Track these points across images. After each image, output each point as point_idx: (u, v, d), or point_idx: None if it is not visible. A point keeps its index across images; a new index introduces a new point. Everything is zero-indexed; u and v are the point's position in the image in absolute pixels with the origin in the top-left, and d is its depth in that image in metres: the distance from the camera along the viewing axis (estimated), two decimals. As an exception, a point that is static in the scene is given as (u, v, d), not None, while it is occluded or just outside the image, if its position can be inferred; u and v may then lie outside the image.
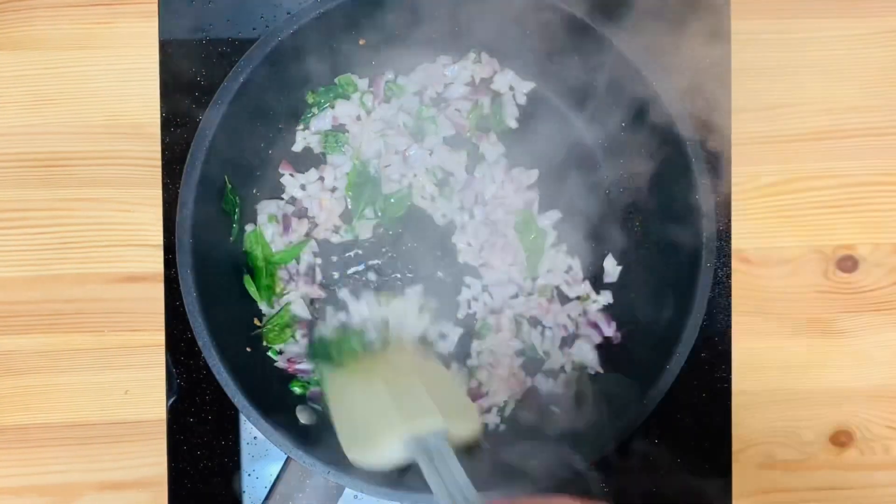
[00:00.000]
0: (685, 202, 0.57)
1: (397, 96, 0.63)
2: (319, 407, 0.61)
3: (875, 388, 0.67)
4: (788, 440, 0.66)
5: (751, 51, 0.65)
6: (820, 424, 0.67)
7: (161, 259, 0.63)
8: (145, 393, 0.63)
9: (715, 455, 0.65)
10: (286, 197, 0.63)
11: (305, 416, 0.59)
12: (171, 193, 0.63)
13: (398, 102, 0.63)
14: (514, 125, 0.64)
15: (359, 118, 0.63)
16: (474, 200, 0.63)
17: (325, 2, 0.55)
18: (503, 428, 0.62)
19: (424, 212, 0.63)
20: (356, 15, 0.57)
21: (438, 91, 0.63)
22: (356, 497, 0.63)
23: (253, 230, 0.61)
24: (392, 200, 0.63)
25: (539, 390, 0.63)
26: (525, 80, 0.64)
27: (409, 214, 0.63)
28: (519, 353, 0.63)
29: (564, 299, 0.64)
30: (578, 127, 0.64)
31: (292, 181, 0.63)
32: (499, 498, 0.53)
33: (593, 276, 0.64)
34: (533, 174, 0.63)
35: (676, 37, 0.62)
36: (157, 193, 0.63)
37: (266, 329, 0.61)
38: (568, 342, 0.64)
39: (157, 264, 0.63)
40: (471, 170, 0.63)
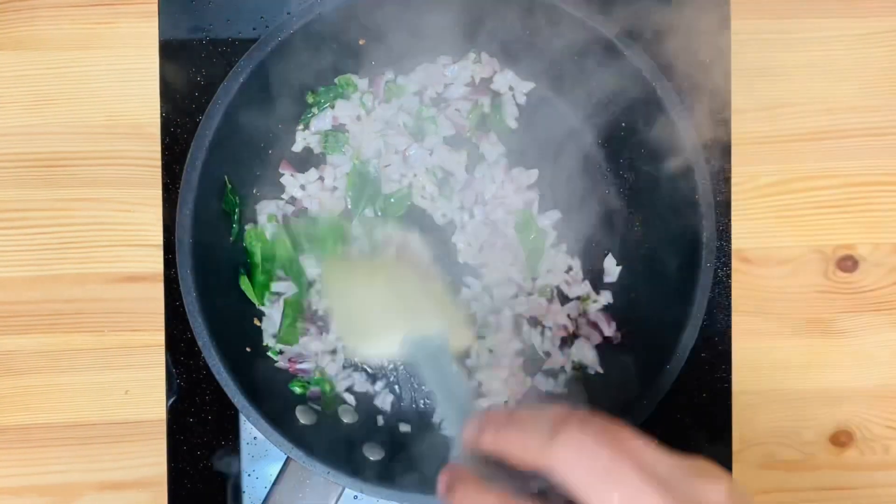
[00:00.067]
0: (685, 202, 0.57)
1: (397, 96, 0.63)
2: (319, 407, 0.61)
3: (875, 388, 0.67)
4: (788, 440, 0.66)
5: (751, 51, 0.65)
6: (820, 424, 0.67)
7: (161, 259, 0.63)
8: (145, 393, 0.63)
9: (715, 455, 0.65)
10: (286, 197, 0.63)
11: (305, 416, 0.59)
12: (171, 193, 0.63)
13: (398, 102, 0.63)
14: (514, 125, 0.64)
15: (359, 118, 0.63)
16: (474, 200, 0.63)
17: (326, 2, 0.55)
18: (503, 428, 0.62)
19: (424, 212, 0.63)
20: (356, 15, 0.57)
21: (438, 91, 0.63)
22: (356, 497, 0.63)
23: (253, 227, 0.61)
24: (392, 200, 0.63)
25: (539, 390, 0.63)
26: (525, 80, 0.64)
27: (409, 214, 0.63)
28: (519, 353, 0.63)
29: (564, 299, 0.64)
30: (578, 127, 0.64)
31: (292, 181, 0.62)
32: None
33: (593, 276, 0.64)
34: (533, 174, 0.63)
35: (676, 36, 0.62)
36: (157, 193, 0.63)
37: (279, 335, 0.61)
38: (568, 342, 0.64)
39: (157, 264, 0.63)
40: (471, 170, 0.63)
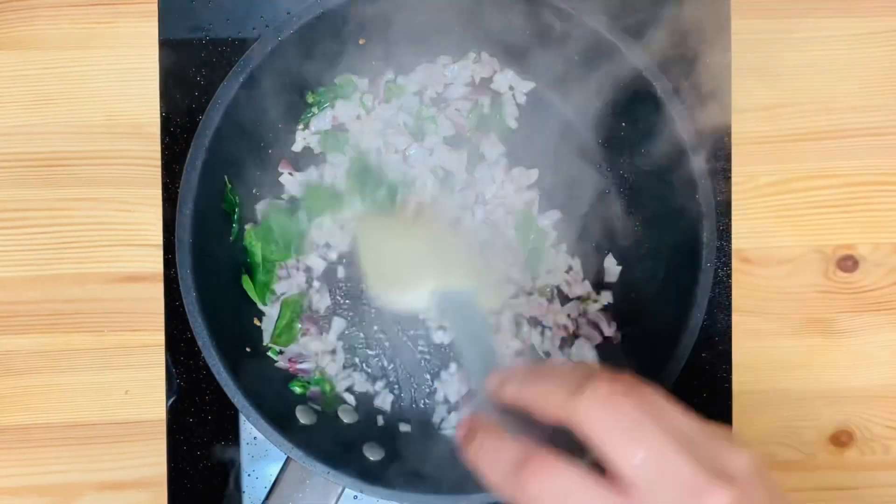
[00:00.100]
0: (685, 202, 0.57)
1: (397, 96, 0.63)
2: (319, 407, 0.61)
3: (875, 388, 0.67)
4: (788, 440, 0.66)
5: (751, 51, 0.65)
6: (820, 424, 0.67)
7: (161, 259, 0.63)
8: (145, 393, 0.63)
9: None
10: (286, 196, 0.63)
11: (305, 416, 0.59)
12: (171, 193, 0.63)
13: (398, 102, 0.63)
14: (514, 125, 0.64)
15: (359, 118, 0.63)
16: (474, 200, 0.63)
17: (325, 2, 0.55)
18: (503, 428, 0.62)
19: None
20: (356, 15, 0.57)
21: (438, 91, 0.63)
22: (356, 497, 0.63)
23: (254, 227, 0.61)
24: (394, 188, 0.62)
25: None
26: (525, 80, 0.64)
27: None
28: (519, 353, 0.63)
29: (564, 299, 0.64)
30: (578, 127, 0.64)
31: (292, 181, 0.62)
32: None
33: (593, 277, 0.64)
34: (533, 174, 0.63)
35: (676, 36, 0.62)
36: (157, 193, 0.63)
37: (274, 335, 0.61)
38: (568, 342, 0.64)
39: (157, 264, 0.63)
40: (471, 169, 0.63)
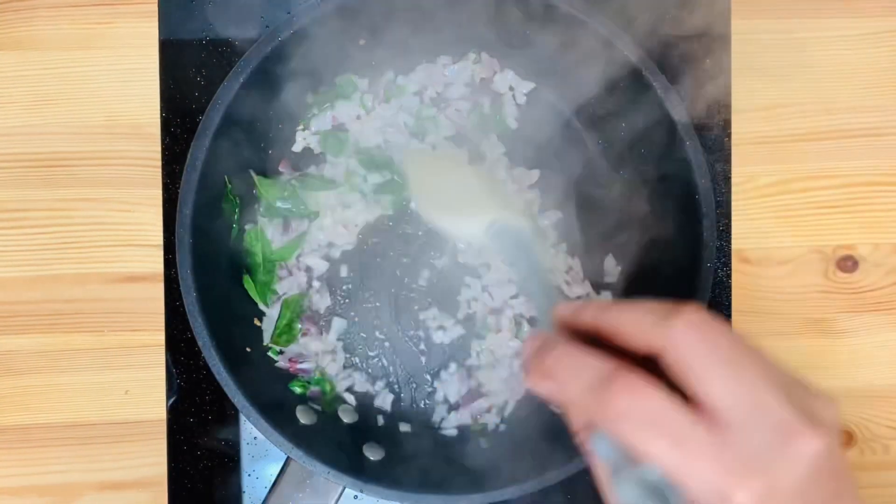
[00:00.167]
0: (685, 202, 0.57)
1: (397, 96, 0.63)
2: (319, 407, 0.61)
3: (875, 388, 0.67)
4: (788, 440, 0.66)
5: (751, 51, 0.65)
6: (820, 424, 0.66)
7: (161, 259, 0.63)
8: (145, 393, 0.63)
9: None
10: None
11: (305, 416, 0.59)
12: (171, 193, 0.63)
13: (398, 102, 0.63)
14: (514, 125, 0.64)
15: (359, 118, 0.63)
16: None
17: (325, 2, 0.55)
18: (503, 428, 0.63)
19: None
20: (356, 15, 0.57)
21: (438, 91, 0.63)
22: (356, 497, 0.63)
23: (254, 227, 0.61)
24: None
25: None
26: (525, 80, 0.64)
27: (409, 213, 0.63)
28: (519, 353, 0.63)
29: (564, 299, 0.64)
30: (578, 127, 0.64)
31: (290, 178, 0.62)
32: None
33: (593, 277, 0.64)
34: (533, 174, 0.63)
35: (676, 36, 0.62)
36: (157, 193, 0.63)
37: (274, 335, 0.61)
38: (568, 342, 0.63)
39: (157, 264, 0.63)
40: (471, 170, 0.63)
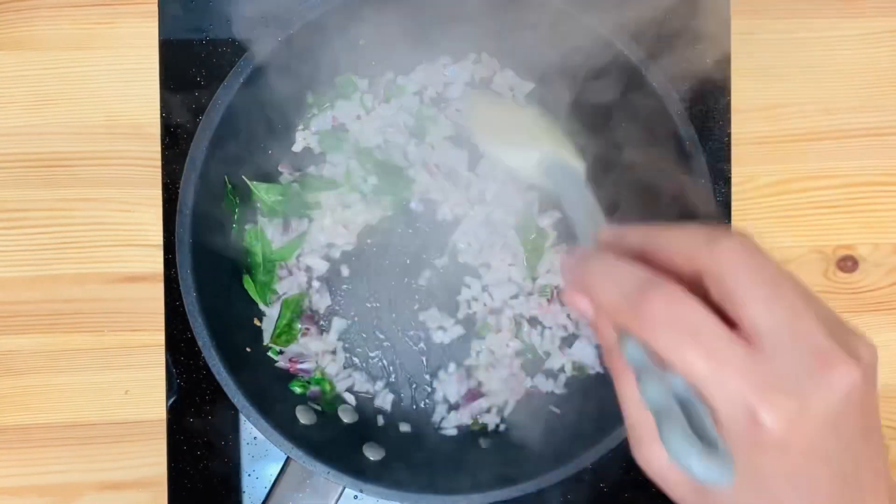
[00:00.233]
0: (685, 202, 0.57)
1: (397, 96, 0.63)
2: (319, 407, 0.61)
3: (875, 389, 0.67)
4: (789, 440, 0.66)
5: (751, 51, 0.65)
6: (820, 424, 0.66)
7: (161, 259, 0.63)
8: (145, 393, 0.63)
9: (715, 455, 0.65)
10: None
11: (305, 416, 0.59)
12: (171, 193, 0.63)
13: (398, 102, 0.63)
14: (515, 125, 0.64)
15: (359, 118, 0.63)
16: (475, 199, 0.63)
17: (325, 2, 0.55)
18: (503, 428, 0.62)
19: (424, 210, 0.63)
20: (356, 15, 0.57)
21: (438, 91, 0.63)
22: (356, 497, 0.63)
23: (254, 227, 0.61)
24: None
25: (539, 390, 0.63)
26: (525, 81, 0.64)
27: (409, 213, 0.63)
28: (519, 353, 0.63)
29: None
30: (578, 129, 0.64)
31: (291, 180, 0.62)
32: None
33: (593, 276, 0.64)
34: (533, 174, 0.63)
35: (676, 36, 0.62)
36: (157, 193, 0.63)
37: (274, 335, 0.61)
38: (568, 342, 0.63)
39: (157, 264, 0.63)
40: (471, 169, 0.63)
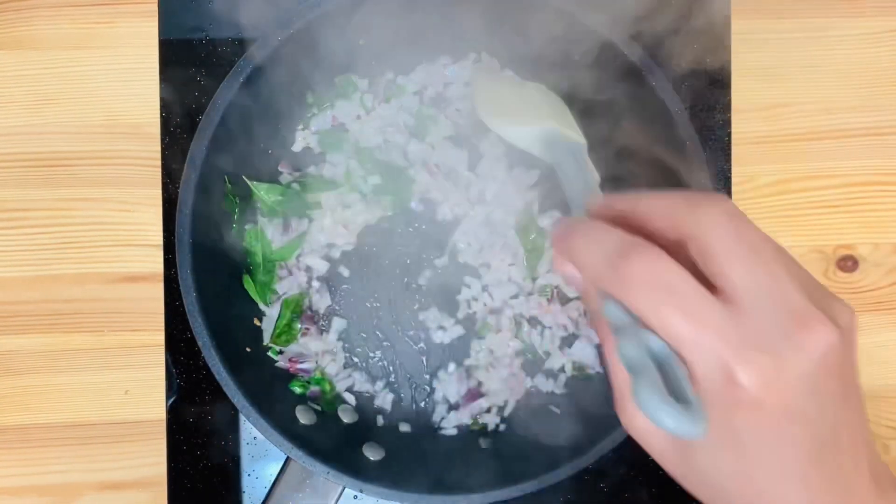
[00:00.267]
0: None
1: (397, 96, 0.63)
2: (319, 407, 0.61)
3: (875, 388, 0.67)
4: (788, 440, 0.66)
5: (751, 51, 0.65)
6: (820, 424, 0.66)
7: (161, 259, 0.63)
8: (145, 393, 0.63)
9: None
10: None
11: (305, 416, 0.59)
12: (171, 193, 0.63)
13: (398, 102, 0.63)
14: (515, 125, 0.64)
15: (359, 118, 0.63)
16: (475, 199, 0.63)
17: (325, 2, 0.55)
18: (503, 428, 0.63)
19: (424, 210, 0.63)
20: (356, 15, 0.57)
21: (438, 91, 0.63)
22: (356, 497, 0.63)
23: (254, 227, 0.61)
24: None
25: (539, 390, 0.63)
26: (525, 80, 0.64)
27: (409, 213, 0.63)
28: (519, 353, 0.63)
29: (564, 299, 0.64)
30: (578, 127, 0.64)
31: (291, 180, 0.62)
32: None
33: (593, 276, 0.64)
34: (533, 174, 0.63)
35: (676, 36, 0.62)
36: (157, 193, 0.63)
37: (274, 335, 0.61)
38: (568, 342, 0.64)
39: (157, 264, 0.63)
40: (471, 169, 0.63)
